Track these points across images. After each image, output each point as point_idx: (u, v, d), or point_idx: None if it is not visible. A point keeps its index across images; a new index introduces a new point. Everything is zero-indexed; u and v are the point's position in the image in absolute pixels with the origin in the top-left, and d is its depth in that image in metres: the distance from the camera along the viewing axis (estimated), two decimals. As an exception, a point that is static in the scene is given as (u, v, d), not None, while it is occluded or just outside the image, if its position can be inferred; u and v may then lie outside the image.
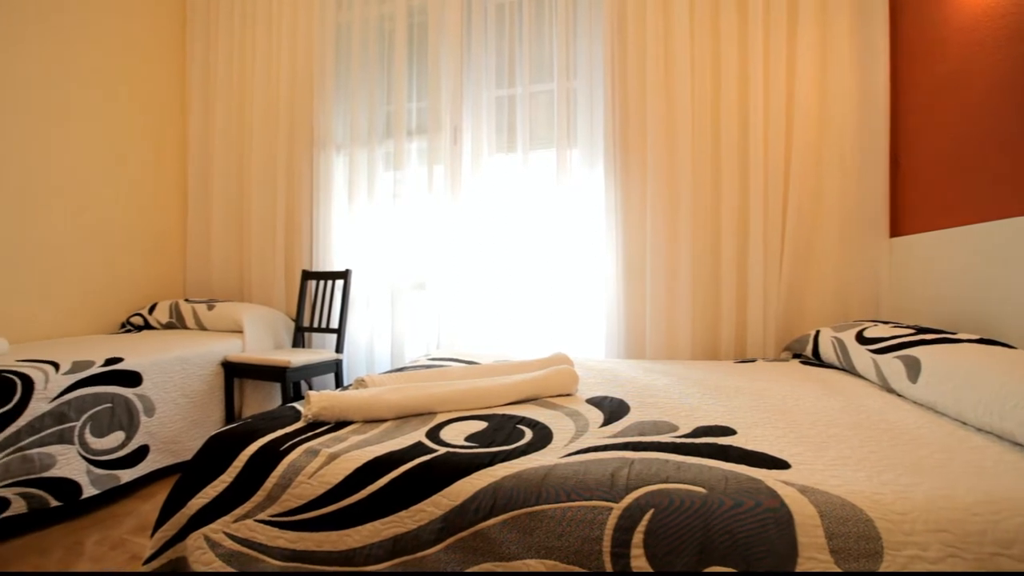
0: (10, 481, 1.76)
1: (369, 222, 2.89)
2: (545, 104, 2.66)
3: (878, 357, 1.49)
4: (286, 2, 3.04)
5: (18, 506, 1.77)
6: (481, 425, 1.16)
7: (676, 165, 2.34)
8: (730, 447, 1.00)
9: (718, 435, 1.08)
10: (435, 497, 0.91)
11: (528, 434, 1.11)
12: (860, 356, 1.60)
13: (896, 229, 2.14)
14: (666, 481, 0.86)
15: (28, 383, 1.82)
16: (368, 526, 0.93)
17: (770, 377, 1.67)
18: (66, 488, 1.88)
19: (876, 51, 2.16)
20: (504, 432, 1.12)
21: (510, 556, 0.85)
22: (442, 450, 1.01)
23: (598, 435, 1.11)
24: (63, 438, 1.89)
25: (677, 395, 1.44)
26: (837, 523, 0.75)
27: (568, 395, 1.44)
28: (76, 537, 1.78)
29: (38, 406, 1.83)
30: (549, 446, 1.05)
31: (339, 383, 2.73)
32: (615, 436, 1.10)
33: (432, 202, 2.74)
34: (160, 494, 2.12)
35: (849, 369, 1.70)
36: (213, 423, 2.48)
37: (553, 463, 0.95)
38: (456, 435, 1.10)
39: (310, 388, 2.92)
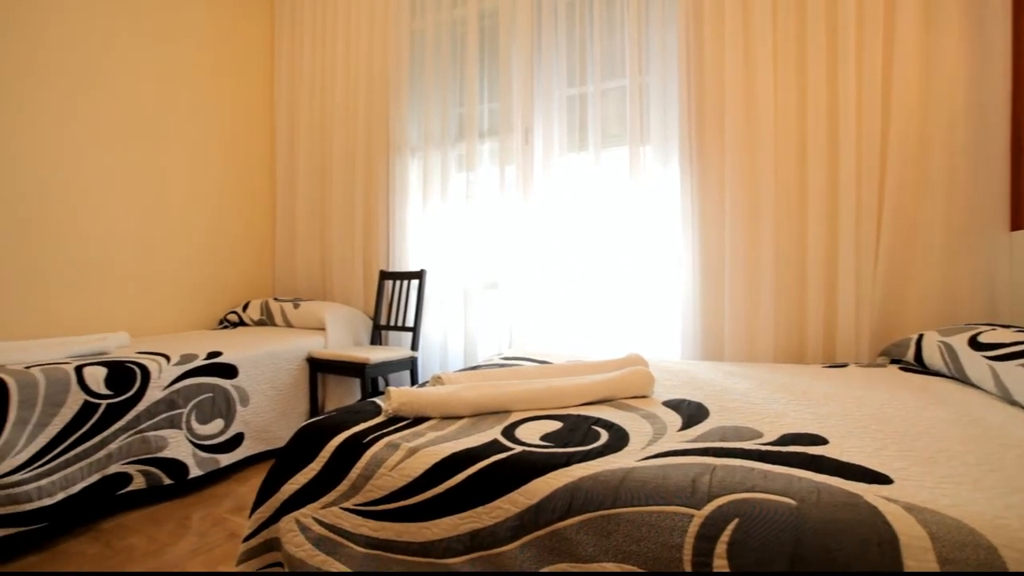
0: (132, 459, 1.96)
1: (442, 223, 2.96)
2: (616, 101, 2.61)
3: (998, 365, 1.34)
4: (364, 14, 3.18)
5: (138, 482, 1.97)
6: (556, 425, 1.16)
7: (757, 159, 2.23)
8: (822, 457, 0.94)
9: (807, 444, 1.02)
10: (512, 495, 0.91)
11: (604, 435, 1.10)
12: (975, 363, 1.45)
13: (1018, 222, 1.91)
14: (752, 490, 0.82)
15: (145, 372, 2.02)
16: (446, 520, 0.95)
17: (865, 383, 1.55)
18: (176, 468, 2.07)
19: (993, 19, 1.91)
20: (579, 433, 1.11)
21: (586, 558, 0.84)
22: (518, 448, 1.02)
23: (676, 439, 1.08)
24: (173, 423, 2.08)
25: (760, 400, 1.37)
26: (952, 548, 0.68)
27: (643, 397, 1.41)
28: (184, 512, 1.96)
29: (153, 393, 2.03)
30: (626, 448, 1.03)
31: (414, 380, 2.82)
32: (694, 441, 1.06)
33: (504, 202, 2.77)
34: (253, 478, 2.28)
35: (960, 377, 1.55)
36: (299, 414, 2.64)
37: (631, 466, 0.93)
38: (531, 434, 1.10)
39: (387, 384, 3.04)
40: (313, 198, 3.42)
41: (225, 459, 2.26)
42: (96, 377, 1.89)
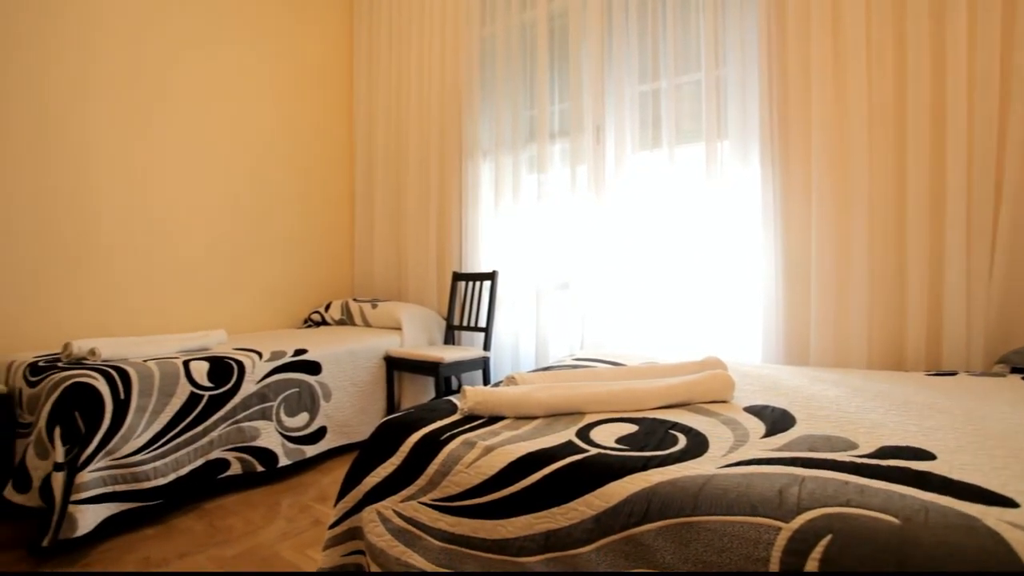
0: (230, 447, 2.13)
1: (514, 224, 2.99)
2: (691, 96, 2.52)
3: None
4: (436, 22, 3.27)
5: (235, 467, 2.14)
6: (631, 428, 1.14)
7: (849, 151, 2.08)
8: (928, 474, 0.86)
9: (910, 458, 0.94)
10: (587, 497, 0.91)
11: (682, 440, 1.07)
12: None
13: None
14: (847, 505, 0.76)
15: (241, 368, 2.19)
16: (521, 519, 0.96)
17: (979, 394, 1.40)
18: (267, 457, 2.22)
19: None
20: (656, 436, 1.08)
21: (665, 565, 0.82)
22: (593, 450, 1.01)
23: (760, 447, 1.03)
24: (265, 415, 2.24)
25: (854, 409, 1.28)
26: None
27: (723, 402, 1.36)
28: (275, 499, 2.10)
29: (248, 387, 2.19)
30: (706, 454, 0.99)
31: (486, 379, 2.87)
32: (780, 449, 1.00)
33: (575, 202, 2.76)
34: (335, 469, 2.41)
35: (1095, 389, 1.37)
36: (377, 411, 2.75)
37: (711, 473, 0.89)
38: (606, 436, 1.09)
39: (459, 383, 3.11)
40: (389, 202, 3.56)
41: (310, 450, 2.40)
42: (200, 371, 2.07)
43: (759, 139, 2.26)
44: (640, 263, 2.58)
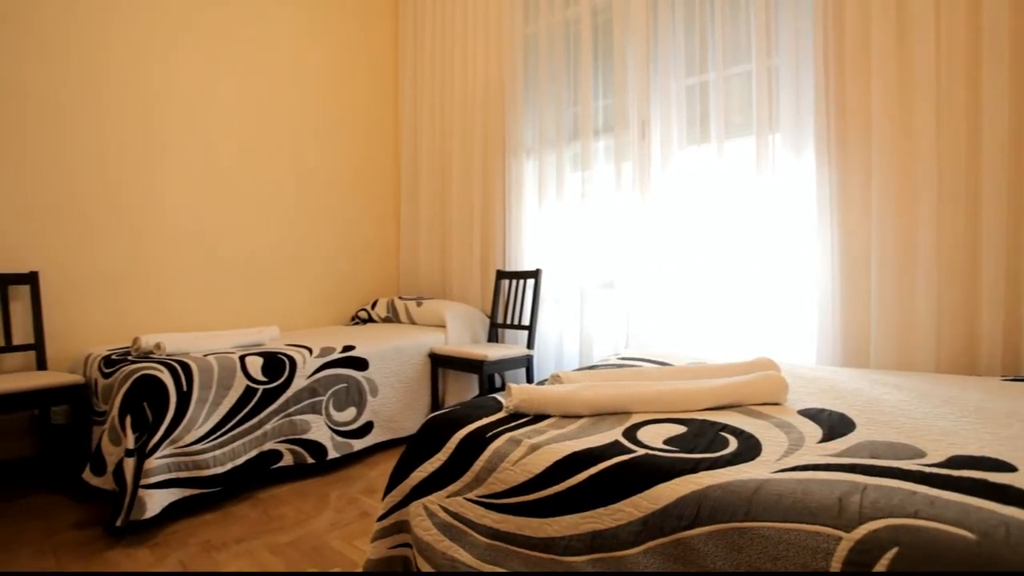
0: (282, 439, 2.21)
1: (558, 222, 2.98)
2: (740, 88, 2.44)
3: None
4: (479, 22, 3.29)
5: (287, 459, 2.22)
6: (680, 429, 1.12)
7: (913, 143, 1.96)
8: (1008, 487, 0.80)
9: (987, 469, 0.88)
10: (635, 498, 0.89)
11: (733, 443, 1.04)
12: None
13: None
14: (915, 516, 0.72)
15: (292, 363, 2.27)
16: (567, 518, 0.95)
17: (1062, 401, 1.30)
18: (317, 449, 2.29)
19: None
20: (706, 438, 1.06)
21: (715, 571, 0.80)
22: (640, 451, 0.99)
23: (816, 452, 0.99)
24: (315, 409, 2.31)
25: (920, 415, 1.21)
26: None
27: (776, 404, 1.31)
28: (324, 490, 2.17)
29: (299, 381, 2.27)
30: (758, 458, 0.96)
31: (530, 377, 2.87)
32: (839, 455, 0.96)
33: (620, 200, 2.72)
34: (382, 463, 2.46)
35: None
36: (422, 407, 2.80)
37: (765, 477, 0.86)
38: (654, 437, 1.07)
39: (503, 381, 3.13)
40: (434, 201, 3.61)
41: (357, 444, 2.46)
42: (255, 365, 2.16)
43: (814, 131, 2.17)
44: (687, 261, 2.52)
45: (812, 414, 1.22)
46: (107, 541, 1.76)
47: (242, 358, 2.15)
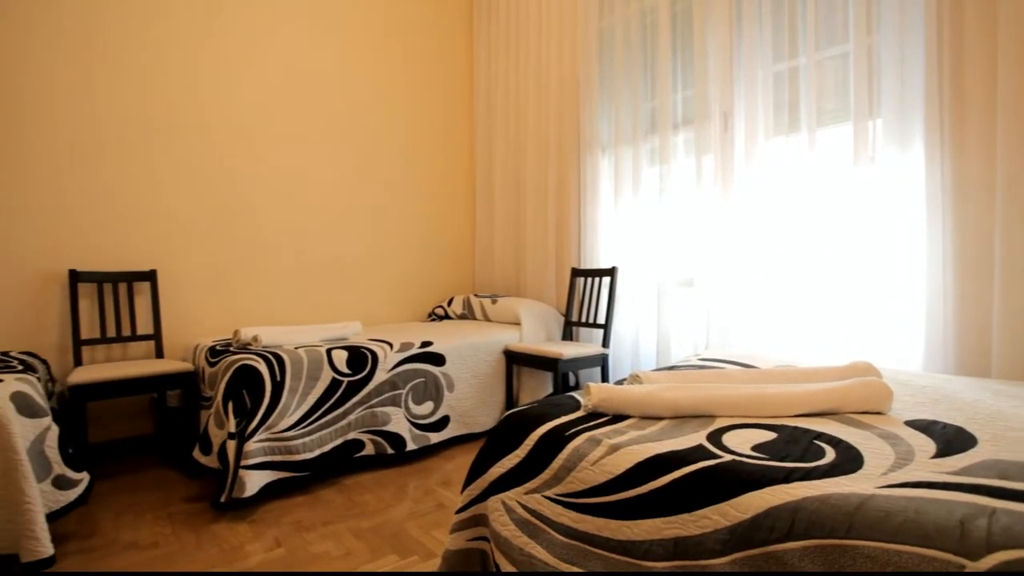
0: (364, 429, 2.32)
1: (634, 219, 2.91)
2: (835, 72, 2.27)
3: None
4: (553, 17, 3.28)
5: (369, 448, 2.32)
6: (769, 435, 1.06)
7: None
8: None
9: None
10: (721, 505, 0.85)
11: (830, 453, 0.97)
12: None
13: None
14: (1055, 546, 0.64)
15: (375, 357, 2.37)
16: (648, 522, 0.93)
17: None
18: (397, 440, 2.38)
19: None
20: (799, 447, 0.99)
21: (812, 590, 0.74)
22: (727, 457, 0.95)
23: (930, 468, 0.90)
24: (394, 401, 2.41)
25: (1056, 432, 1.07)
26: None
27: (878, 413, 1.21)
28: (402, 480, 2.25)
29: (380, 375, 2.37)
30: (860, 471, 0.89)
31: (605, 377, 2.83)
32: (958, 473, 0.87)
33: (700, 195, 2.61)
34: (457, 457, 2.52)
35: None
36: (496, 403, 2.83)
37: (869, 492, 0.80)
38: (741, 442, 1.02)
39: (577, 380, 3.10)
40: (508, 199, 3.65)
41: (434, 437, 2.53)
42: (341, 358, 2.28)
43: (922, 116, 1.97)
44: (773, 258, 2.38)
45: (922, 426, 1.11)
46: (213, 515, 1.93)
47: (328, 351, 2.27)
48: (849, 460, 0.94)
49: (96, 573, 1.55)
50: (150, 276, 2.63)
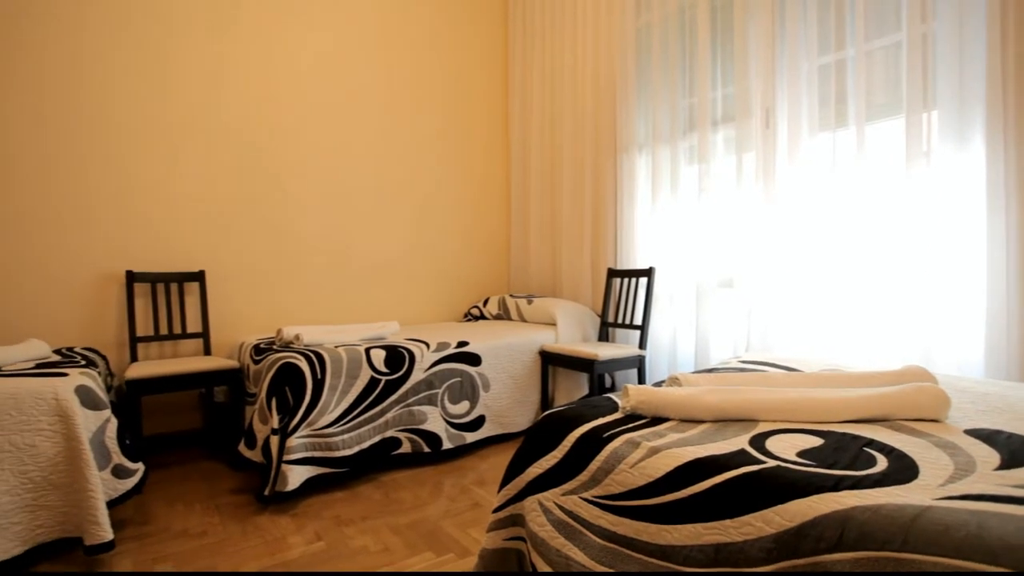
0: (402, 427, 2.35)
1: (672, 219, 2.86)
2: (885, 63, 2.17)
3: None
4: (589, 16, 3.25)
5: (406, 446, 2.35)
6: (815, 441, 1.02)
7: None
8: None
9: None
10: (765, 512, 0.83)
11: (881, 461, 0.92)
12: None
13: None
14: None
15: (412, 356, 2.40)
16: (688, 527, 0.91)
17: None
18: (433, 439, 2.41)
19: None
20: (848, 454, 0.95)
21: (863, 604, 0.71)
22: (771, 463, 0.92)
23: (993, 480, 0.85)
24: (431, 400, 2.43)
25: None
26: None
27: (934, 420, 1.15)
28: (438, 478, 2.27)
29: (417, 374, 2.40)
30: (915, 481, 0.85)
31: (641, 378, 2.79)
32: (1024, 486, 0.82)
33: (741, 193, 2.55)
34: (492, 457, 2.53)
35: None
36: (532, 404, 2.83)
37: (926, 504, 0.76)
38: (786, 448, 0.99)
39: (613, 381, 3.07)
40: (544, 199, 3.64)
41: (470, 437, 2.55)
42: (379, 358, 2.32)
43: (984, 108, 1.87)
44: (817, 259, 2.30)
45: (984, 435, 1.05)
46: (257, 507, 1.99)
47: (367, 350, 2.32)
48: (903, 469, 0.89)
49: (100, 574, 1.60)
50: (199, 276, 2.75)
